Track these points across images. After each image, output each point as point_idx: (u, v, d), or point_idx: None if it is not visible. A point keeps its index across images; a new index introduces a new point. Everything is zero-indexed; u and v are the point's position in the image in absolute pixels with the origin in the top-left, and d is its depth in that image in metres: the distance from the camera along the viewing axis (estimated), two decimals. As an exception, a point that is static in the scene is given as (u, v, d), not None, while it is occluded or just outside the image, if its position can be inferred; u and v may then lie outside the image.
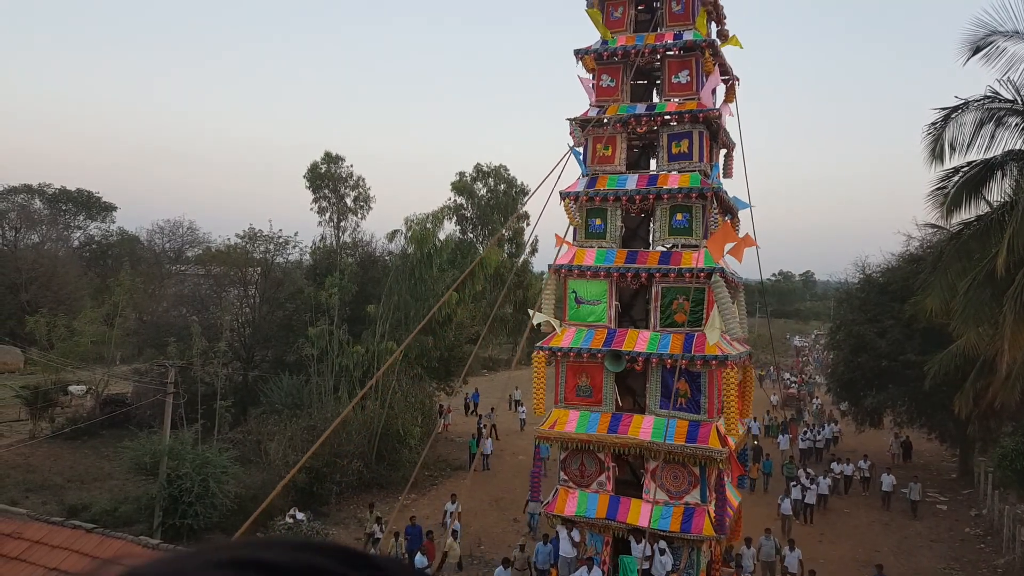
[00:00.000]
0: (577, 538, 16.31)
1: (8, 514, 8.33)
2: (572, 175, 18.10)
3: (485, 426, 34.76)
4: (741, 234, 17.53)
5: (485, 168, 42.01)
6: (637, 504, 15.48)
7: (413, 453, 28.11)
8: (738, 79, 18.06)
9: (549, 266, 17.17)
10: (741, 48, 17.95)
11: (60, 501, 24.91)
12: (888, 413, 34.07)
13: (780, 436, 34.02)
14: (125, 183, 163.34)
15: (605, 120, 16.89)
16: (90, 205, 75.96)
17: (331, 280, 31.74)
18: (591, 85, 17.73)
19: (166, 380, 24.98)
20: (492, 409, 37.65)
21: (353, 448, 25.96)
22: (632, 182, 16.73)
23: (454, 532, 20.58)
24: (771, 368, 57.55)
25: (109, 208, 77.48)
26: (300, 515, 23.42)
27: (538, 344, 16.61)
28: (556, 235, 17.34)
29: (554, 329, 16.65)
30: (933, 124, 18.43)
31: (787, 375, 59.06)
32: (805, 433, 35.36)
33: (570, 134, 17.22)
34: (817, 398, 49.84)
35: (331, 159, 36.41)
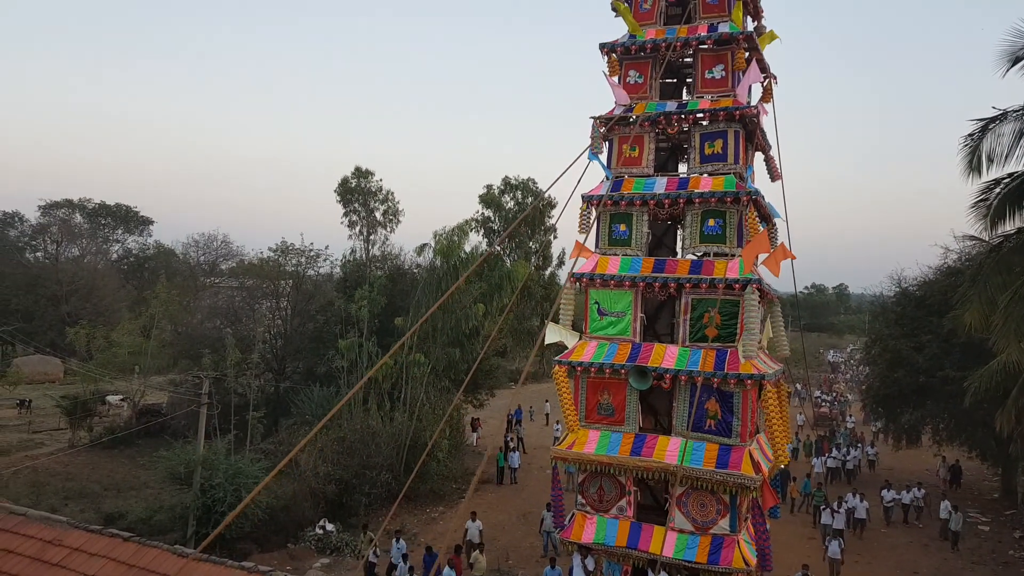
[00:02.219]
0: (592, 567, 15.38)
1: (49, 521, 8.57)
2: (594, 179, 17.07)
3: (512, 439, 34.80)
4: (776, 244, 16.91)
5: (513, 181, 42.25)
6: (660, 532, 14.35)
7: (441, 465, 28.25)
8: (775, 78, 16.92)
9: (569, 274, 16.05)
10: (778, 39, 16.70)
11: (98, 509, 25.41)
12: (926, 431, 33.35)
13: (815, 458, 33.14)
14: (162, 198, 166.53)
15: (633, 118, 15.81)
16: (128, 219, 77.60)
17: (361, 293, 32.12)
18: (617, 82, 16.61)
19: (200, 391, 25.43)
20: (518, 422, 37.68)
21: (382, 460, 26.14)
22: (661, 185, 15.62)
23: (480, 545, 20.61)
24: (799, 385, 56.37)
25: (146, 222, 79.11)
26: (330, 526, 23.65)
27: (557, 358, 15.57)
28: (576, 241, 16.68)
29: (568, 346, 15.65)
30: (970, 135, 18.12)
31: (818, 392, 56.96)
32: (832, 452, 34.35)
33: (590, 136, 15.98)
34: (851, 416, 48.60)
35: (361, 174, 36.91)
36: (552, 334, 15.68)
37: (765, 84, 16.85)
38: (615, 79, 16.61)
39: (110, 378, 39.85)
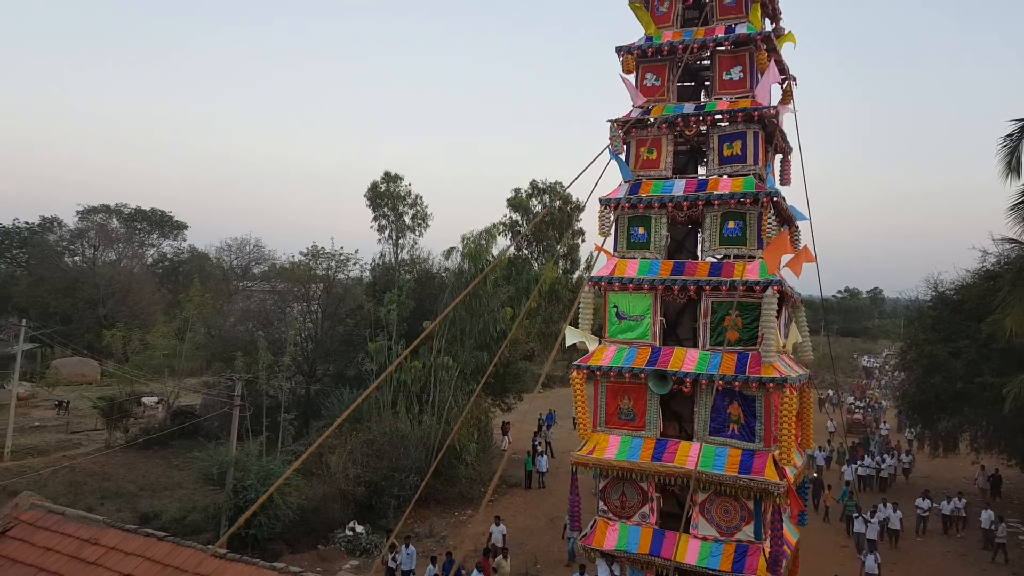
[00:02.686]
0: (617, 574, 15.08)
1: (86, 520, 8.76)
2: (614, 183, 16.73)
3: (540, 443, 34.79)
4: (799, 247, 16.36)
5: (541, 185, 42.27)
6: (684, 540, 14.07)
7: (469, 469, 28.33)
8: (795, 79, 16.76)
9: (587, 278, 15.95)
10: (794, 44, 16.71)
11: (133, 508, 25.90)
12: (964, 438, 32.70)
13: (846, 466, 32.68)
14: (196, 202, 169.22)
15: (651, 120, 15.68)
16: (163, 224, 78.99)
17: (390, 296, 32.38)
18: (634, 85, 16.51)
19: (233, 393, 25.81)
20: (549, 427, 37.67)
21: (410, 463, 26.29)
22: (679, 187, 15.49)
23: (504, 550, 20.63)
24: (831, 392, 55.30)
25: (181, 227, 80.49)
26: (359, 528, 23.84)
27: (575, 362, 15.44)
28: (595, 245, 16.12)
29: (588, 349, 15.43)
30: (1009, 136, 17.82)
31: (850, 399, 55.82)
32: (864, 459, 33.74)
33: (608, 139, 15.87)
34: (886, 423, 47.78)
35: (390, 178, 37.20)
36: (571, 338, 15.50)
37: (785, 86, 16.74)
38: (632, 82, 16.55)
39: (145, 380, 40.60)
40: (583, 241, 39.54)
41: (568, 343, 15.61)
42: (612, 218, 15.81)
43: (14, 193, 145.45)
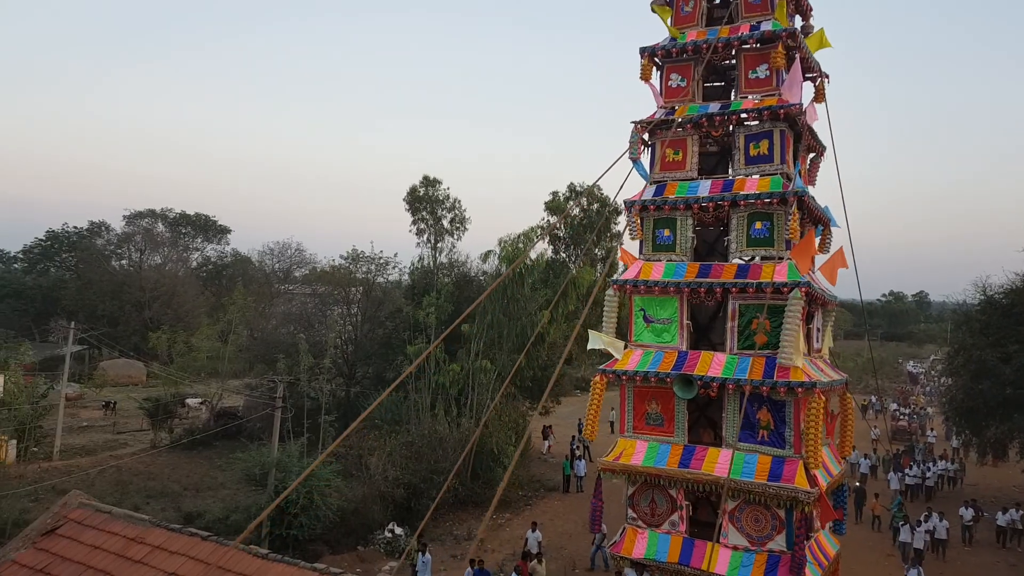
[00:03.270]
0: None
1: (132, 519, 8.94)
2: (639, 184, 16.20)
3: (578, 447, 34.67)
4: (833, 250, 16.17)
5: (579, 188, 42.13)
6: (714, 549, 13.81)
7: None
8: (827, 76, 16.42)
9: (612, 282, 15.72)
10: (829, 47, 16.18)
11: (177, 508, 26.37)
12: (1014, 445, 31.79)
13: (890, 473, 31.95)
14: (239, 207, 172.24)
15: (678, 120, 15.47)
16: (207, 228, 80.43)
17: (428, 300, 32.57)
18: (658, 85, 16.34)
19: (275, 395, 26.16)
20: (581, 430, 37.48)
21: (449, 465, 26.39)
22: (705, 188, 15.24)
23: (540, 554, 20.57)
24: (873, 397, 54.00)
25: (224, 231, 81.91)
26: (399, 530, 23.97)
27: (601, 366, 15.24)
28: (621, 248, 16.26)
29: (614, 355, 15.26)
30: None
31: (894, 405, 54.38)
32: (912, 468, 32.94)
33: (630, 141, 15.70)
34: (932, 430, 46.59)
35: (429, 182, 37.41)
36: (594, 342, 15.33)
37: (817, 83, 16.38)
38: (655, 83, 16.35)
39: (190, 381, 41.36)
40: (621, 244, 39.24)
41: (590, 348, 15.47)
42: (637, 221, 15.62)
43: (63, 198, 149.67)
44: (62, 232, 74.66)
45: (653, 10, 16.51)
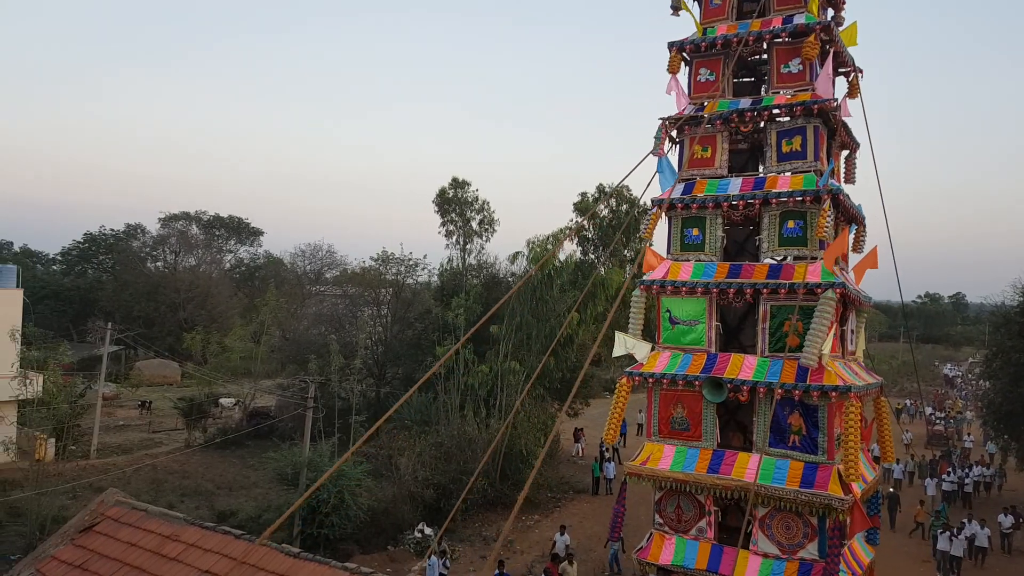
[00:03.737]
0: None
1: (167, 517, 9.11)
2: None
3: (607, 449, 34.54)
4: (868, 248, 15.62)
5: (608, 189, 41.98)
6: (744, 556, 13.16)
7: (537, 474, 28.34)
8: (861, 71, 15.97)
9: (638, 282, 15.33)
10: (855, 44, 15.76)
11: (211, 506, 26.75)
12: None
13: (928, 479, 31.32)
14: (271, 209, 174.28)
15: (707, 116, 15.07)
16: (240, 230, 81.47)
17: (457, 301, 32.69)
18: (686, 80, 15.94)
19: (306, 395, 26.43)
20: (622, 434, 37.35)
21: (478, 466, 26.46)
22: (735, 186, 14.83)
23: (570, 555, 20.55)
24: (908, 401, 52.97)
25: (257, 233, 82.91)
26: (428, 530, 24.08)
27: (627, 369, 14.92)
28: (648, 248, 15.70)
29: (639, 358, 14.90)
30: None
31: (929, 409, 53.21)
32: (949, 474, 32.23)
33: (655, 138, 15.26)
34: (969, 435, 45.67)
35: (458, 184, 37.56)
36: (620, 345, 15.05)
37: (851, 78, 15.95)
38: (682, 78, 15.98)
39: (223, 381, 41.94)
40: (651, 244, 39.03)
41: (616, 352, 15.17)
42: (664, 219, 15.27)
43: (100, 201, 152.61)
44: (99, 235, 76.14)
45: (674, 5, 16.21)
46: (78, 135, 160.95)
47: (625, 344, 15.05)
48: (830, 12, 16.29)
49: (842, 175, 16.20)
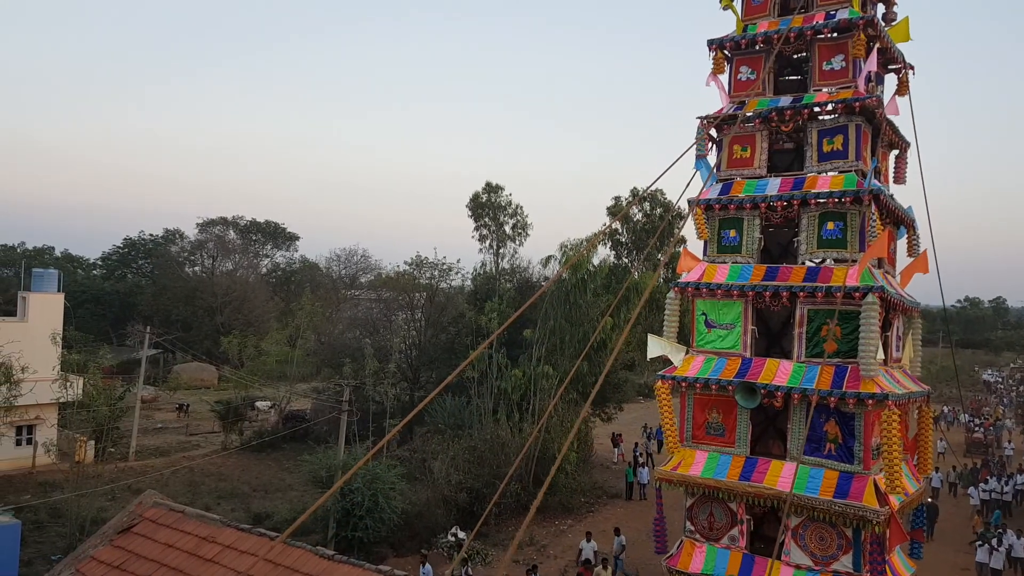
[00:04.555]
0: None
1: (204, 519, 9.18)
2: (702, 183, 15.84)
3: (641, 454, 34.26)
4: (918, 253, 15.30)
5: (641, 192, 41.77)
6: (775, 567, 12.95)
7: (570, 479, 28.18)
8: (912, 68, 15.55)
9: (672, 284, 15.10)
10: (908, 40, 15.30)
11: (247, 508, 27.01)
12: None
13: (972, 489, 30.46)
14: (307, 214, 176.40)
15: (749, 114, 14.80)
16: (277, 235, 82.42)
17: (491, 305, 32.68)
18: (727, 79, 15.73)
19: (341, 398, 26.60)
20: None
21: (511, 471, 26.39)
22: (774, 186, 14.50)
23: (604, 560, 20.36)
24: (945, 408, 51.47)
25: (293, 238, 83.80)
26: (461, 534, 24.05)
27: (660, 372, 14.69)
28: (684, 249, 15.57)
29: (672, 362, 14.61)
30: None
31: (965, 416, 51.59)
32: (987, 482, 31.30)
33: (696, 138, 15.02)
34: (1010, 443, 44.40)
35: (491, 188, 37.60)
36: (654, 348, 14.73)
37: (900, 76, 15.52)
38: (724, 77, 15.73)
39: (259, 385, 42.40)
40: (684, 245, 38.68)
41: (650, 355, 14.89)
42: (704, 217, 14.94)
43: (139, 207, 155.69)
44: (139, 239, 77.55)
45: (724, 5, 15.97)
46: (119, 142, 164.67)
47: (660, 347, 14.73)
48: (880, 8, 15.84)
49: (891, 175, 15.75)
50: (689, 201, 15.04)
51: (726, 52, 15.78)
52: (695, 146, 14.90)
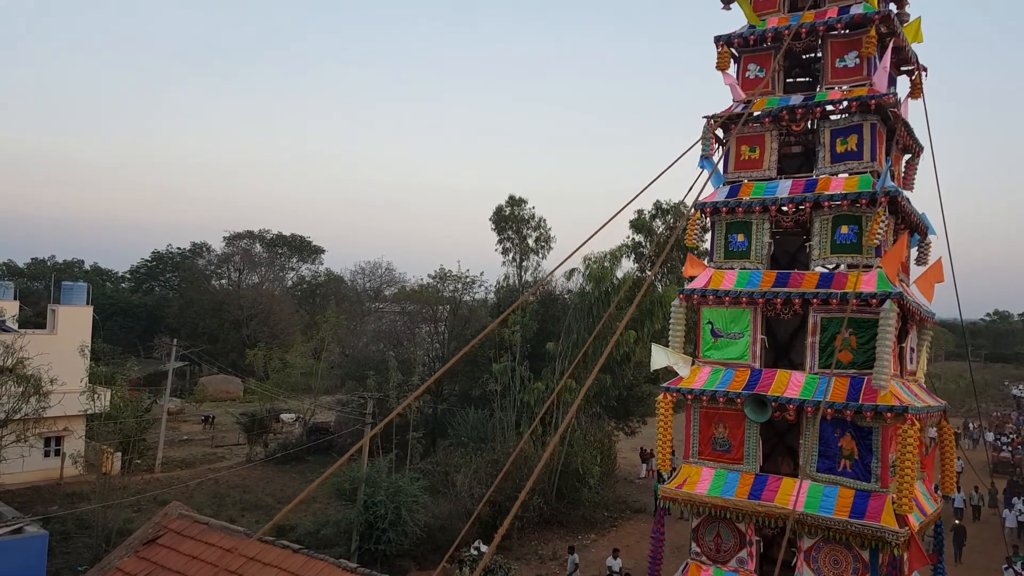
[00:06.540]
0: None
1: (228, 531, 9.22)
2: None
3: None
4: (931, 262, 14.42)
5: (665, 205, 41.62)
6: None
7: (593, 493, 27.99)
8: (925, 69, 15.04)
9: (678, 292, 14.40)
10: (920, 41, 14.76)
11: (271, 520, 27.10)
12: None
13: (1007, 512, 29.75)
14: (332, 227, 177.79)
15: (755, 114, 14.27)
16: (302, 248, 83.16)
17: (514, 318, 32.65)
18: (735, 77, 15.08)
19: (365, 411, 26.68)
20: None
21: (534, 484, 26.28)
22: (784, 188, 13.83)
23: (628, 574, 20.19)
24: (971, 426, 49.94)
25: (318, 251, 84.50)
26: (484, 547, 23.97)
27: (664, 384, 13.93)
28: (689, 255, 14.98)
29: (679, 372, 13.92)
30: None
31: (990, 434, 49.69)
32: (1013, 502, 30.47)
33: (701, 138, 14.40)
34: None
35: (515, 202, 37.68)
36: (658, 358, 14.12)
37: (913, 77, 15.02)
38: (732, 75, 15.14)
39: (284, 397, 42.69)
40: (697, 250, 38.49)
41: (654, 366, 14.36)
42: (708, 224, 14.42)
43: (167, 220, 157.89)
44: (166, 253, 78.63)
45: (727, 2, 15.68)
46: (147, 157, 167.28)
47: (665, 357, 14.12)
48: (892, 6, 15.50)
49: (901, 180, 15.11)
50: (695, 204, 14.39)
51: (733, 49, 15.22)
52: (703, 148, 14.39)
